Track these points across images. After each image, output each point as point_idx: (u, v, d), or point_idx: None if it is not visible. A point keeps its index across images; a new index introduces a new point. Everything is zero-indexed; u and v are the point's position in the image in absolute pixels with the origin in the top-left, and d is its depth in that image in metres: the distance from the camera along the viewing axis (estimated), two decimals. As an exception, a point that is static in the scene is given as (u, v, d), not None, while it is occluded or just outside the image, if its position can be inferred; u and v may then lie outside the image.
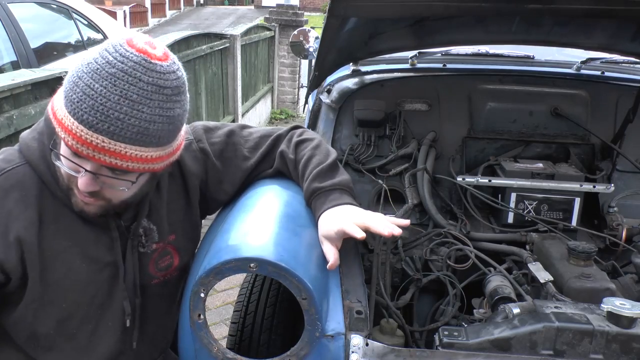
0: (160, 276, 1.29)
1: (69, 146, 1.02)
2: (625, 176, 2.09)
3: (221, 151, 1.38)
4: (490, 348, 1.13)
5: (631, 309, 1.10)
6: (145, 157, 1.05)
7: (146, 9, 22.29)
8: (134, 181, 1.10)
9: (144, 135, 1.02)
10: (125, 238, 1.22)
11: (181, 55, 4.32)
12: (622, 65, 2.43)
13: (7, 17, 3.90)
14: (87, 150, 1.01)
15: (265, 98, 8.26)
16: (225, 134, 1.40)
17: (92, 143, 1.00)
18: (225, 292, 3.34)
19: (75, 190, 1.10)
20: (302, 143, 1.42)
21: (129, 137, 1.01)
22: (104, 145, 1.00)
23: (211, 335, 1.09)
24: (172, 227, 1.30)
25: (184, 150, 1.26)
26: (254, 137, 1.43)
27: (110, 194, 1.11)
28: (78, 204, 1.12)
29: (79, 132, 1.00)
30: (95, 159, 1.02)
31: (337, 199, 1.27)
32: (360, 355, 1.07)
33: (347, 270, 1.25)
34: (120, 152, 1.02)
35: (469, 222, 1.90)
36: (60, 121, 1.02)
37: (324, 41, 1.72)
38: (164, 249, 1.29)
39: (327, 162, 1.34)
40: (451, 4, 1.59)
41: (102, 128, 0.99)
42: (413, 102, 2.15)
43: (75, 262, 1.17)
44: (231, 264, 1.06)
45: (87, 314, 1.21)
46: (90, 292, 1.20)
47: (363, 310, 1.13)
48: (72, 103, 1.00)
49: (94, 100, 0.98)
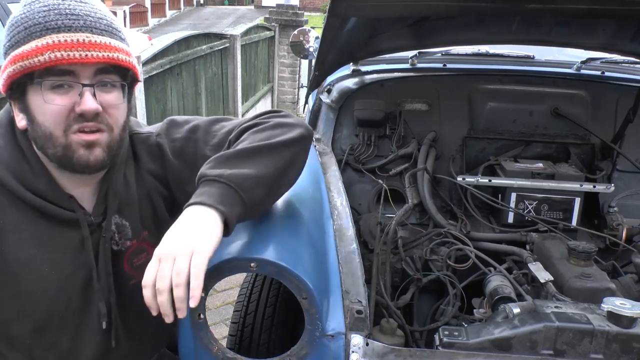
0: (137, 275, 1.20)
1: (59, 61, 0.99)
2: (625, 176, 2.09)
3: (180, 148, 1.24)
4: (490, 348, 1.13)
5: (631, 309, 1.10)
6: (124, 49, 1.06)
7: (146, 9, 22.28)
8: (122, 100, 1.09)
9: (111, 27, 1.05)
10: (97, 237, 1.16)
11: (181, 55, 4.32)
12: (622, 65, 2.43)
13: (7, 17, 3.91)
14: (78, 52, 0.99)
15: (265, 98, 8.26)
16: (188, 130, 1.25)
17: (79, 41, 0.99)
18: (225, 292, 3.34)
19: (75, 136, 1.04)
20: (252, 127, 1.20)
21: (104, 30, 1.03)
22: (90, 40, 1.00)
23: (211, 335, 1.09)
24: (145, 222, 1.23)
25: (141, 142, 1.24)
26: (221, 133, 1.24)
27: (111, 115, 1.07)
28: (82, 156, 1.05)
29: (61, 38, 0.99)
30: (89, 58, 1.00)
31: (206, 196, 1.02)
32: (360, 355, 1.07)
33: (347, 270, 1.25)
34: (105, 43, 1.02)
35: (469, 222, 1.90)
36: (31, 52, 0.99)
37: (324, 41, 1.72)
38: (139, 247, 1.22)
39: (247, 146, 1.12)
40: (451, 4, 1.59)
41: (79, 25, 1.01)
42: (413, 102, 2.16)
43: (44, 270, 1.10)
44: (231, 263, 1.06)
45: (64, 321, 1.15)
46: (63, 299, 1.13)
47: (363, 310, 1.13)
48: (37, 25, 1.00)
49: (58, 9, 1.00)
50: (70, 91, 1.02)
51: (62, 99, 1.02)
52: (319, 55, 1.87)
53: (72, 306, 1.15)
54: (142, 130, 1.27)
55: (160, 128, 1.27)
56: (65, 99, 1.02)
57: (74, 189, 1.13)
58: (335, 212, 1.47)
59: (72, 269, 1.14)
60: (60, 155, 1.05)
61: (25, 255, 1.09)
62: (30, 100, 1.04)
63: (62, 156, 1.05)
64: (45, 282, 1.11)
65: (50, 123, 1.03)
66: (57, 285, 1.12)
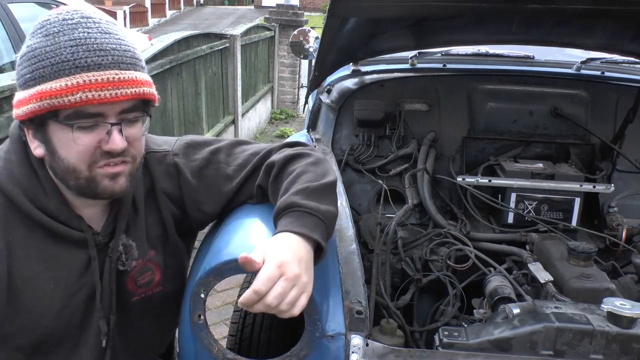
0: (140, 293, 1.23)
1: (89, 102, 0.97)
2: (625, 176, 2.09)
3: (200, 168, 1.25)
4: (490, 348, 1.13)
5: (631, 309, 1.10)
6: (148, 81, 1.06)
7: (146, 9, 22.28)
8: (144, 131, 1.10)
9: (134, 59, 1.04)
10: (103, 256, 1.16)
11: (181, 55, 4.32)
12: (622, 65, 2.43)
13: (7, 17, 3.91)
14: (109, 92, 0.97)
15: (265, 98, 8.25)
16: (210, 151, 1.27)
17: (109, 80, 0.97)
18: (225, 292, 3.34)
19: (101, 169, 1.04)
20: (297, 157, 1.22)
21: (130, 63, 1.02)
22: (119, 77, 0.99)
23: (211, 336, 1.09)
24: (151, 242, 1.23)
25: (156, 163, 1.23)
26: (244, 155, 1.27)
27: (135, 147, 1.07)
28: (107, 187, 1.05)
29: (92, 78, 0.97)
30: (119, 97, 0.99)
31: (309, 227, 1.05)
32: (360, 355, 1.07)
33: (347, 270, 1.25)
34: (132, 78, 1.01)
35: (469, 222, 1.90)
36: (61, 92, 0.96)
37: (324, 41, 1.72)
38: (144, 266, 1.22)
39: (321, 181, 1.15)
40: (451, 4, 1.59)
41: (107, 62, 0.99)
42: (413, 102, 2.15)
43: (48, 288, 1.10)
44: (231, 264, 1.06)
45: (64, 336, 1.15)
46: (65, 316, 1.13)
47: (363, 311, 1.13)
48: (65, 62, 0.97)
49: (86, 44, 0.98)
50: (97, 129, 1.02)
51: (89, 138, 1.01)
52: (319, 55, 1.87)
53: (73, 323, 1.15)
54: (159, 149, 1.26)
55: (178, 147, 1.27)
56: (93, 137, 1.02)
57: (84, 210, 1.14)
58: (335, 212, 1.47)
59: (77, 288, 1.14)
60: (83, 186, 1.06)
61: (31, 272, 1.09)
62: (53, 135, 1.02)
63: (85, 187, 1.06)
64: (48, 299, 1.11)
65: (75, 160, 1.03)
66: (61, 302, 1.12)
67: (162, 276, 1.26)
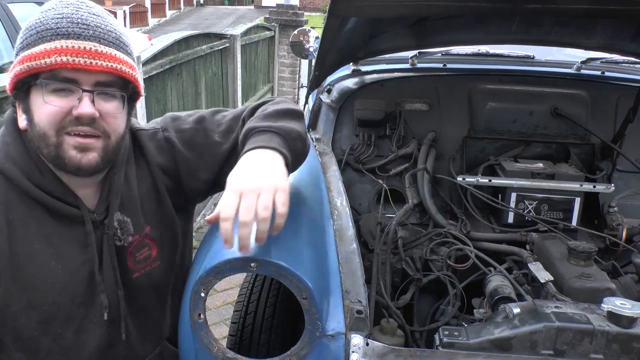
0: (140, 269, 1.27)
1: (64, 65, 1.02)
2: (625, 176, 2.09)
3: (190, 138, 1.30)
4: (490, 348, 1.13)
5: (631, 309, 1.10)
6: (129, 62, 1.10)
7: (146, 9, 22.28)
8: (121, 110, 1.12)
9: (119, 41, 1.09)
10: (100, 233, 1.19)
11: (181, 55, 4.32)
12: (622, 65, 2.43)
13: (7, 17, 3.91)
14: (83, 59, 1.03)
15: (265, 98, 8.26)
16: (195, 121, 1.32)
17: (86, 49, 1.03)
18: (225, 292, 3.35)
19: (69, 137, 1.07)
20: (263, 103, 1.30)
21: (111, 42, 1.07)
22: (97, 49, 1.04)
23: (211, 335, 1.09)
24: (147, 218, 1.27)
25: (148, 139, 1.27)
26: (226, 121, 1.32)
27: (108, 122, 1.10)
28: (73, 158, 1.08)
29: (69, 44, 1.02)
30: (93, 66, 1.04)
31: (264, 141, 1.11)
32: (360, 355, 1.07)
33: (347, 269, 1.25)
34: (111, 54, 1.06)
35: (469, 222, 1.90)
36: (39, 54, 1.03)
37: (324, 41, 1.72)
38: (141, 242, 1.26)
39: (276, 108, 1.22)
40: (451, 4, 1.59)
41: (88, 34, 1.04)
42: (413, 102, 2.16)
43: (50, 264, 1.14)
44: (232, 263, 1.06)
45: (70, 313, 1.19)
46: (69, 291, 1.17)
47: (363, 310, 1.13)
48: (49, 30, 1.04)
49: (70, 17, 1.05)
50: (70, 95, 1.06)
51: (61, 102, 1.06)
52: (319, 55, 1.87)
53: (77, 299, 1.18)
54: (147, 128, 1.31)
55: (164, 123, 1.32)
56: (64, 101, 1.06)
57: (77, 190, 1.17)
58: (335, 212, 1.47)
59: (78, 264, 1.17)
60: (53, 155, 1.09)
61: (32, 249, 1.13)
62: (32, 101, 1.08)
63: (55, 156, 1.09)
64: (51, 275, 1.15)
65: (45, 123, 1.07)
66: (63, 278, 1.16)
67: (159, 251, 1.29)
